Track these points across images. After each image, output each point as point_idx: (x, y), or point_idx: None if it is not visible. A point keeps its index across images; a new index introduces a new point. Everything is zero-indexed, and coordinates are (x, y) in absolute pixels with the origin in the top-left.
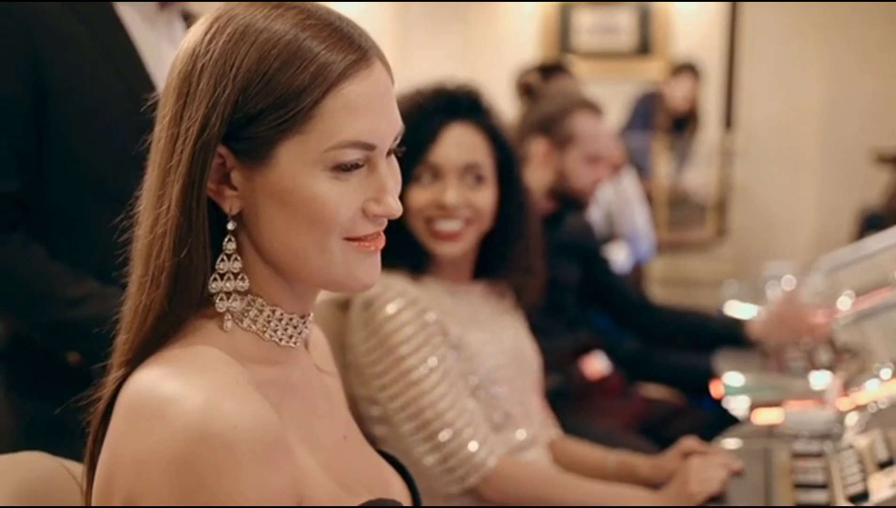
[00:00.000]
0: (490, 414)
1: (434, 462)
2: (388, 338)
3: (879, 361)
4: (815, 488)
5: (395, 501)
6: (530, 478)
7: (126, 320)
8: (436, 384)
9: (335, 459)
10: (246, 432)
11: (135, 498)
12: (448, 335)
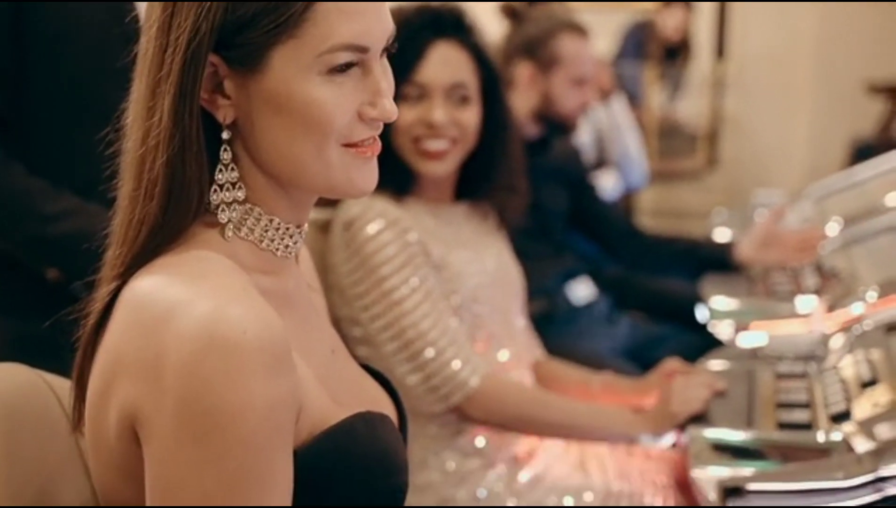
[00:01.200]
0: (473, 334)
1: (417, 381)
2: (370, 258)
3: (865, 284)
4: (797, 407)
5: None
6: (514, 396)
7: (118, 234)
8: (418, 304)
9: (325, 372)
10: (255, 338)
11: (136, 403)
12: (430, 255)
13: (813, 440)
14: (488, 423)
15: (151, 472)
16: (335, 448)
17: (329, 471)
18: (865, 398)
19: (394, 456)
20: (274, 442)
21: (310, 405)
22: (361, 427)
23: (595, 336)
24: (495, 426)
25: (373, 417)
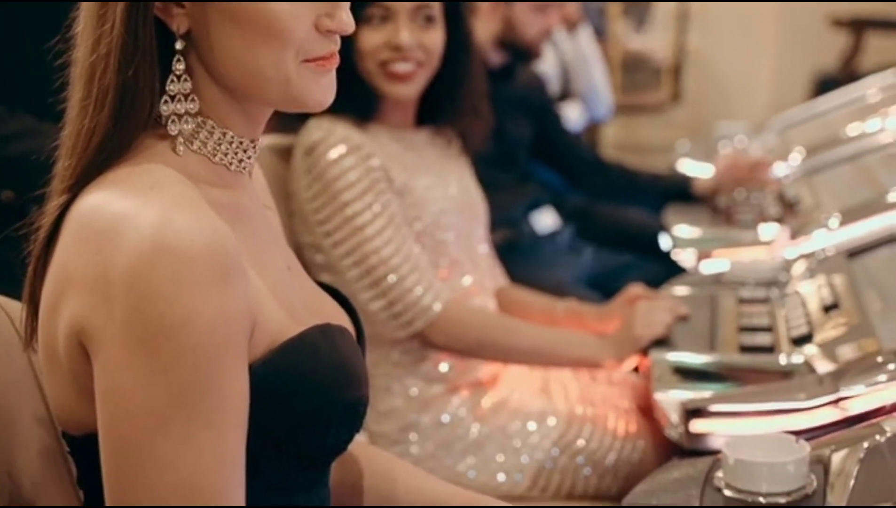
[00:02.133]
0: (436, 261)
1: (380, 307)
2: (332, 184)
3: (827, 212)
4: (759, 331)
5: (345, 328)
6: (477, 322)
7: (67, 145)
8: (380, 230)
9: (281, 288)
10: (203, 246)
11: (85, 317)
12: (393, 181)
13: (775, 363)
14: (451, 349)
15: (101, 385)
16: (293, 361)
17: (288, 385)
18: (827, 321)
19: (353, 369)
20: (225, 354)
21: (265, 319)
22: (320, 340)
23: (558, 266)
24: (458, 352)
25: (331, 329)
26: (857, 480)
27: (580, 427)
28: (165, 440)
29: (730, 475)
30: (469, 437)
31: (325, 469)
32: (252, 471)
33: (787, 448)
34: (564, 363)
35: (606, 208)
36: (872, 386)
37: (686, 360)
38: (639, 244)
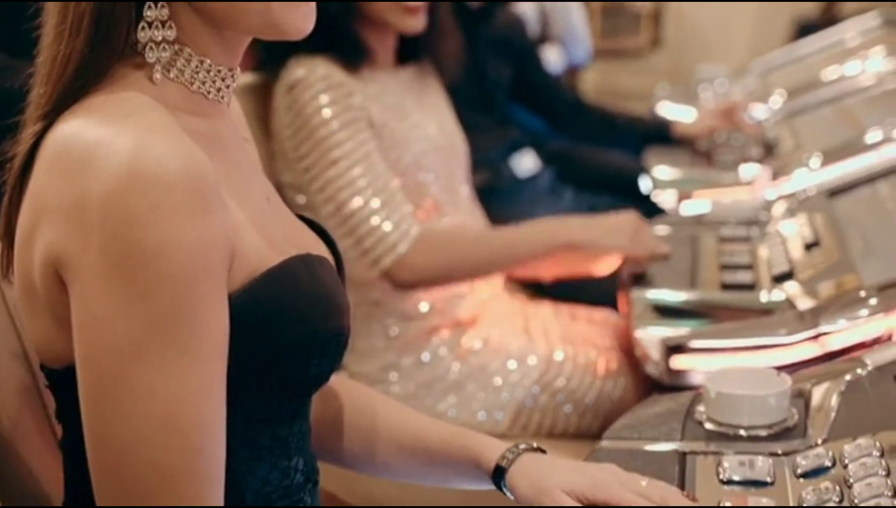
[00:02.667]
0: (417, 202)
1: (350, 244)
2: (311, 119)
3: (808, 153)
4: (740, 269)
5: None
6: (445, 251)
7: (42, 72)
8: (353, 165)
9: (261, 218)
10: (180, 172)
11: (60, 245)
12: (373, 121)
13: (756, 300)
14: (422, 285)
15: (77, 315)
16: (274, 291)
17: (268, 314)
18: (808, 259)
19: (334, 299)
20: (204, 282)
21: (245, 248)
22: (301, 269)
23: (538, 208)
24: (429, 285)
25: (312, 259)
26: (837, 413)
27: (560, 366)
28: (143, 368)
29: (711, 408)
30: (449, 376)
31: (307, 401)
32: (233, 402)
33: (769, 382)
34: (538, 255)
35: (587, 150)
36: (853, 321)
37: (666, 298)
38: (619, 186)
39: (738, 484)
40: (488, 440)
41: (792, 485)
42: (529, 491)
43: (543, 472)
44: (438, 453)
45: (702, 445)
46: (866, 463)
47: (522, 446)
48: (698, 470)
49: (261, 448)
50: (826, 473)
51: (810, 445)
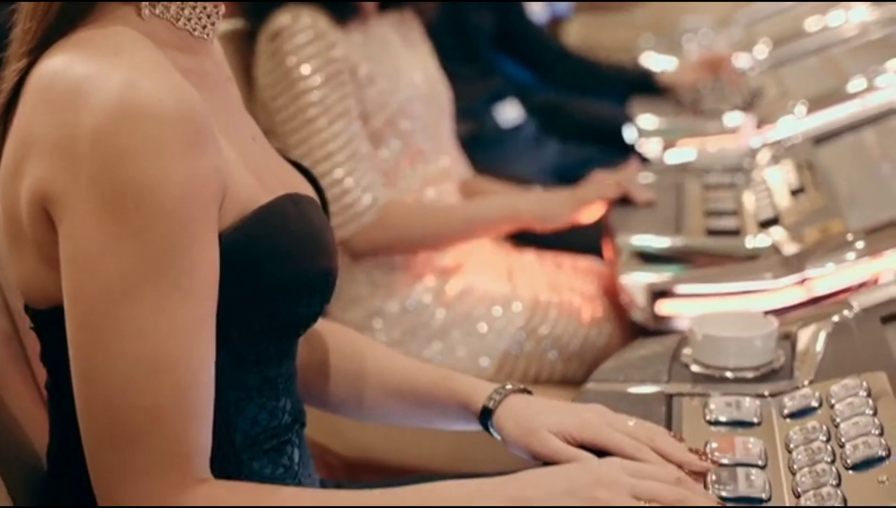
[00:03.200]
0: (402, 150)
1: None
2: (291, 71)
3: (793, 101)
4: (725, 215)
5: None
6: (403, 218)
7: (26, 8)
8: (330, 123)
9: (249, 156)
10: (172, 108)
11: (48, 181)
12: (356, 72)
13: (741, 246)
14: (374, 255)
15: (66, 252)
16: (264, 229)
17: (259, 253)
18: (793, 205)
19: (323, 238)
20: (196, 219)
21: (235, 186)
22: (290, 208)
23: (522, 159)
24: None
25: (300, 198)
26: (824, 355)
27: (545, 313)
28: (133, 307)
29: (698, 350)
30: (434, 323)
31: (295, 342)
32: (223, 342)
33: (755, 324)
34: (491, 231)
35: (572, 101)
36: (840, 265)
37: (651, 244)
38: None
39: (725, 425)
40: (475, 381)
41: (779, 425)
42: (516, 432)
43: (531, 413)
44: (425, 395)
45: (688, 387)
46: (853, 403)
47: (509, 387)
48: (685, 412)
49: (250, 388)
50: (813, 413)
51: (797, 386)
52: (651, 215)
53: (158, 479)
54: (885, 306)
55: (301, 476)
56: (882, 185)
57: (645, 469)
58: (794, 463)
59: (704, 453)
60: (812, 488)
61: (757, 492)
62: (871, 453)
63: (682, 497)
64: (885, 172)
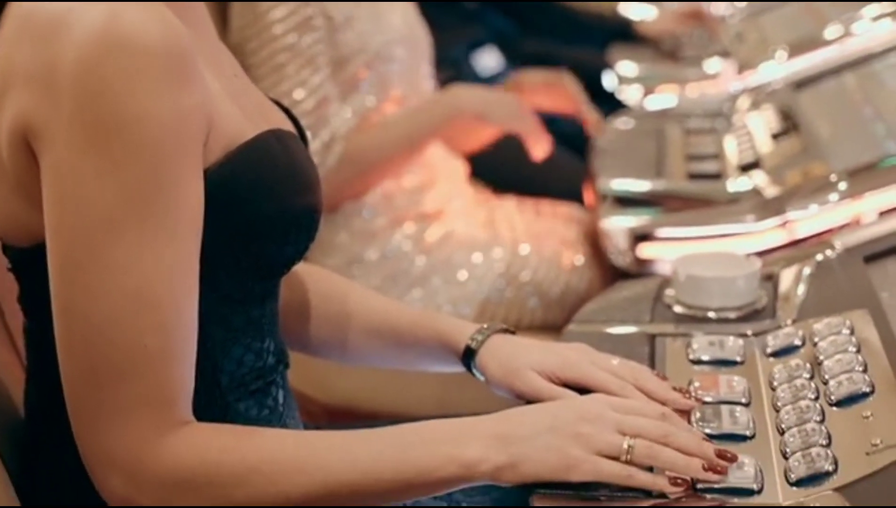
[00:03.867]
0: (381, 94)
1: None
2: (264, 16)
3: (774, 46)
4: (707, 158)
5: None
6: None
7: None
8: (299, 70)
9: (233, 91)
10: (158, 39)
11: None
12: (333, 15)
13: (722, 190)
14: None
15: (48, 187)
16: (249, 165)
17: (245, 189)
18: (775, 148)
19: (307, 175)
20: (180, 154)
21: (221, 121)
22: (275, 144)
23: None
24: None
25: (284, 134)
26: (806, 294)
27: (526, 259)
28: (117, 244)
29: (680, 291)
30: (414, 270)
31: (279, 282)
32: (208, 281)
33: (738, 264)
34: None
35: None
36: (822, 206)
37: (632, 188)
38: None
39: (709, 364)
40: (458, 322)
41: (762, 364)
42: (499, 372)
43: (513, 352)
44: (407, 335)
45: (671, 327)
46: (836, 341)
47: (492, 327)
48: (668, 352)
49: (235, 328)
50: (796, 351)
51: (780, 325)
52: (632, 160)
53: (140, 420)
54: (868, 246)
55: (286, 418)
56: (863, 128)
57: (630, 404)
58: (777, 401)
59: (688, 391)
60: (796, 424)
61: (741, 429)
62: (855, 389)
63: (667, 432)
64: (867, 115)
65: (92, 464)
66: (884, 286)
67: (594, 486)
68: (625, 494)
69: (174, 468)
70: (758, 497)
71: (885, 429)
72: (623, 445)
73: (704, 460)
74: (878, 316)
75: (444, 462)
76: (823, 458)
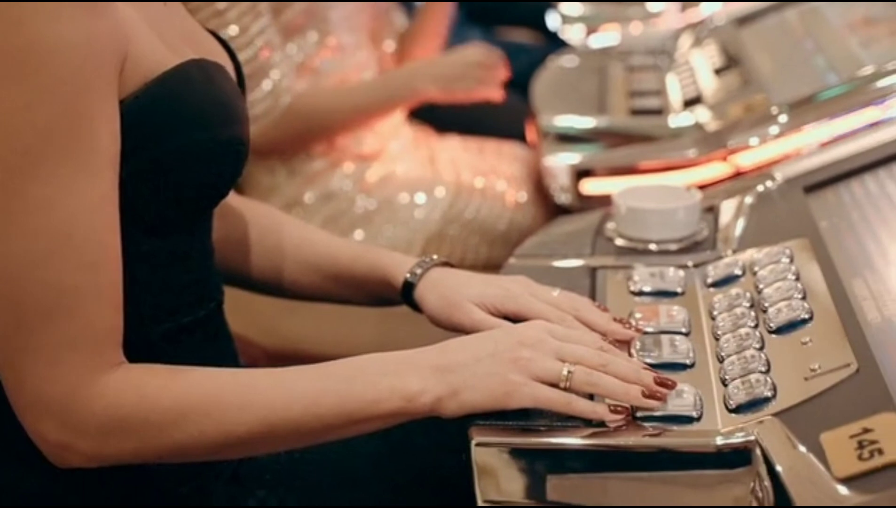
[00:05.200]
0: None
1: None
2: None
3: None
4: (649, 95)
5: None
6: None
7: None
8: (239, 17)
9: (158, 21)
10: None
11: None
12: None
13: (665, 125)
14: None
15: None
16: (169, 94)
17: (164, 118)
18: (717, 83)
19: (231, 106)
20: (95, 85)
21: (139, 51)
22: (196, 73)
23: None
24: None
25: (208, 64)
26: (747, 225)
27: (469, 197)
28: (37, 180)
29: (621, 223)
30: (355, 211)
31: (206, 216)
32: (129, 214)
33: (678, 196)
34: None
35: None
36: (763, 138)
37: (575, 124)
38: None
39: (649, 295)
40: (397, 256)
41: (703, 294)
42: (439, 305)
43: (453, 285)
44: (347, 270)
45: (612, 260)
46: (775, 269)
47: (431, 260)
48: (609, 284)
49: (159, 263)
50: (736, 281)
51: (720, 256)
52: (574, 98)
53: (72, 362)
54: (808, 176)
55: (221, 356)
56: (804, 61)
57: (570, 333)
58: (717, 329)
59: (628, 322)
60: (735, 352)
61: (681, 358)
62: (794, 316)
63: (605, 361)
64: (808, 48)
65: (24, 411)
66: (823, 216)
67: (533, 416)
68: (564, 424)
69: (109, 410)
70: (697, 423)
71: (823, 354)
72: (562, 371)
73: (644, 387)
74: (818, 244)
75: (386, 395)
76: (762, 384)
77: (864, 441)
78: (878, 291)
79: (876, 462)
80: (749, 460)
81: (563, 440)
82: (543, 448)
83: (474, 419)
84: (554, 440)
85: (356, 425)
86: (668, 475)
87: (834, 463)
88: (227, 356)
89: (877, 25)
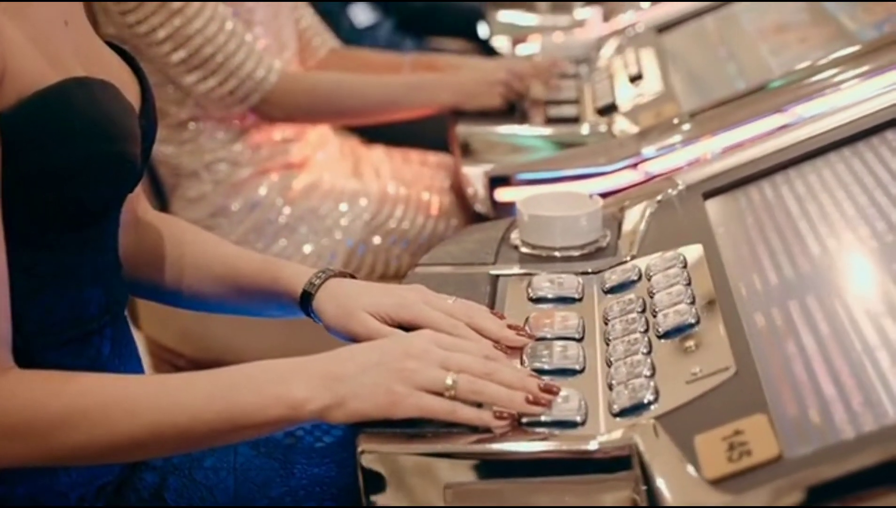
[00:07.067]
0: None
1: (212, 86)
2: None
3: None
4: (566, 103)
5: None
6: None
7: None
8: (200, 10)
9: (47, 40)
10: None
11: None
12: None
13: (578, 133)
14: (292, 119)
15: None
16: (44, 111)
17: (38, 135)
18: (632, 91)
19: (112, 123)
20: None
21: (18, 67)
22: (76, 91)
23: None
24: (303, 120)
25: (92, 82)
26: (647, 231)
27: (393, 207)
28: None
29: (525, 231)
30: (280, 220)
31: (98, 232)
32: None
33: (581, 204)
34: (414, 111)
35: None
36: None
37: (492, 133)
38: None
39: (548, 302)
40: (298, 268)
41: (599, 300)
42: (335, 314)
43: (349, 295)
44: (249, 282)
45: (516, 268)
46: (669, 274)
47: (329, 271)
48: (509, 291)
49: (41, 276)
50: (632, 287)
51: (620, 262)
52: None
53: None
54: (707, 182)
55: (115, 369)
56: (717, 69)
57: (456, 342)
58: (609, 335)
59: (523, 329)
60: (623, 357)
61: (570, 363)
62: (681, 320)
63: (490, 369)
64: (721, 55)
65: None
66: (720, 221)
67: (420, 423)
68: (450, 430)
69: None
70: (581, 428)
71: (705, 359)
72: (447, 380)
73: (528, 393)
74: (711, 250)
75: (272, 402)
76: (645, 388)
77: (734, 443)
78: (764, 295)
79: (744, 463)
80: (628, 464)
81: (448, 447)
82: (428, 454)
83: (362, 426)
84: (439, 447)
85: (241, 431)
86: (553, 480)
87: (705, 465)
88: (121, 368)
89: (788, 32)
